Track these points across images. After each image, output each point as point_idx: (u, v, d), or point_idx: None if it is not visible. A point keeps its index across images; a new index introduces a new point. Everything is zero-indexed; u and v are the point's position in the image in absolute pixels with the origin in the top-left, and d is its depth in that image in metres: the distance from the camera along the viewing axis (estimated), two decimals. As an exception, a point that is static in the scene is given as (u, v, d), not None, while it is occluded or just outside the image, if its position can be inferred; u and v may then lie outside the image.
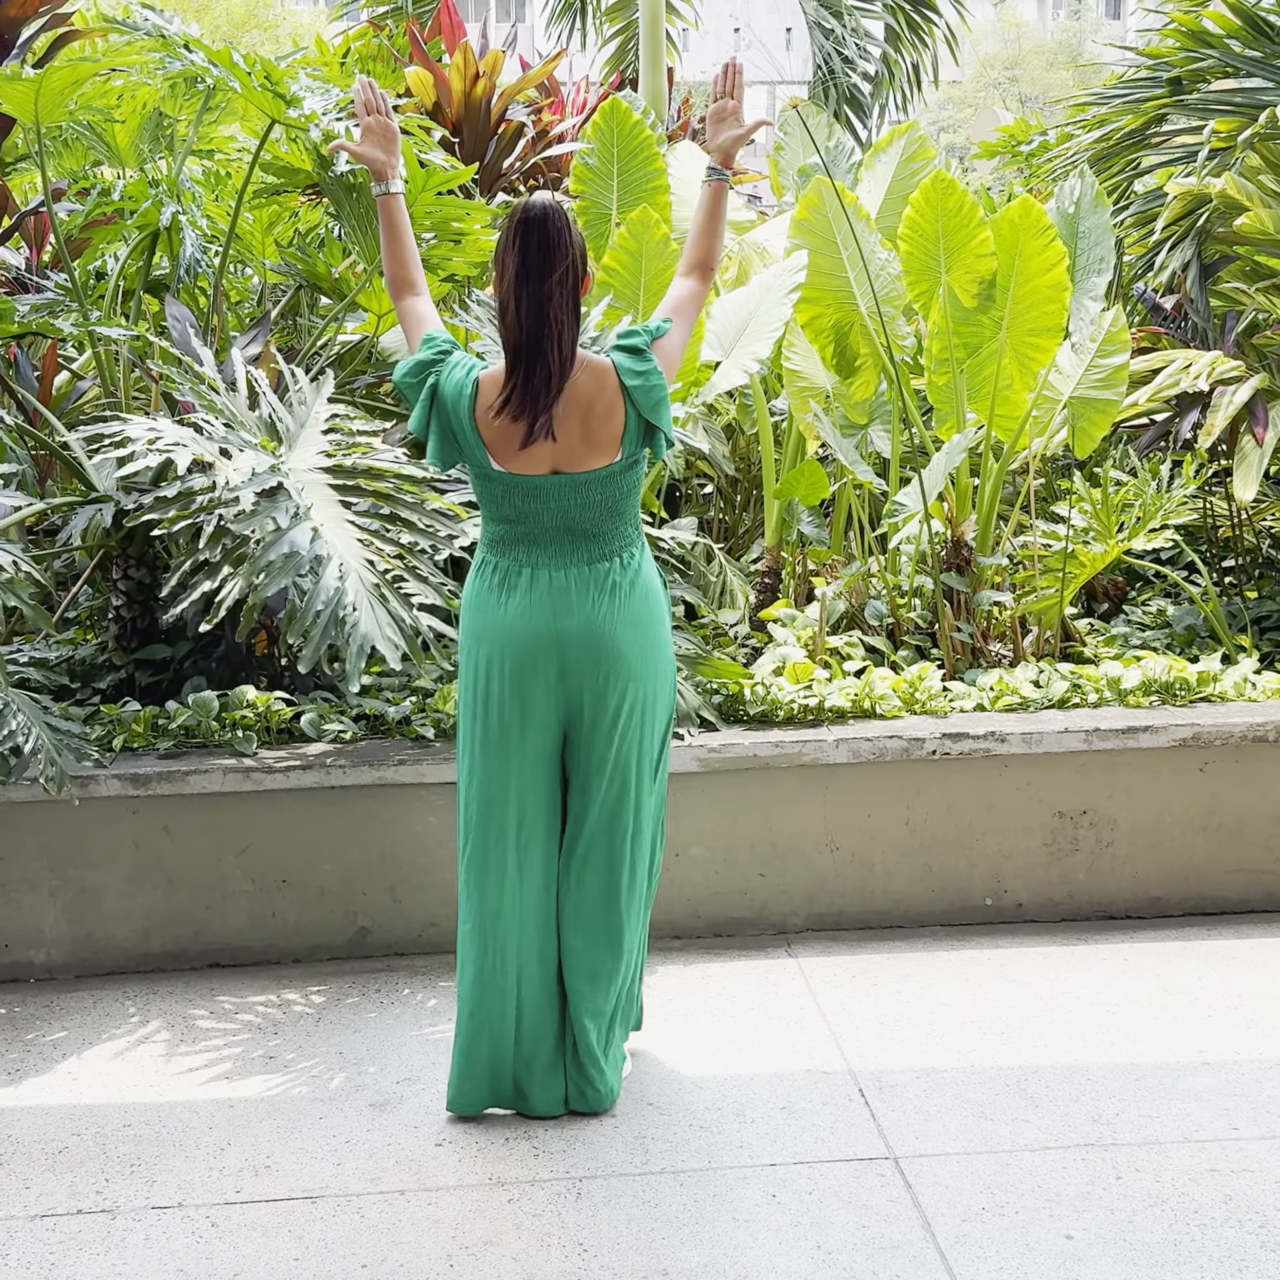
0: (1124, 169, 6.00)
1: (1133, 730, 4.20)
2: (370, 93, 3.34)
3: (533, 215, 3.00)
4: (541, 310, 3.00)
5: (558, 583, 3.14)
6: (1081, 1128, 3.25)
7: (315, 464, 3.93)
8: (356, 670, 3.56)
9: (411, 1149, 3.23)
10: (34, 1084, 3.51)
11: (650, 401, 3.08)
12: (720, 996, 3.88)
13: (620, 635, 3.16)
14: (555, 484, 3.10)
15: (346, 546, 3.72)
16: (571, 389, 3.06)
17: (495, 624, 3.17)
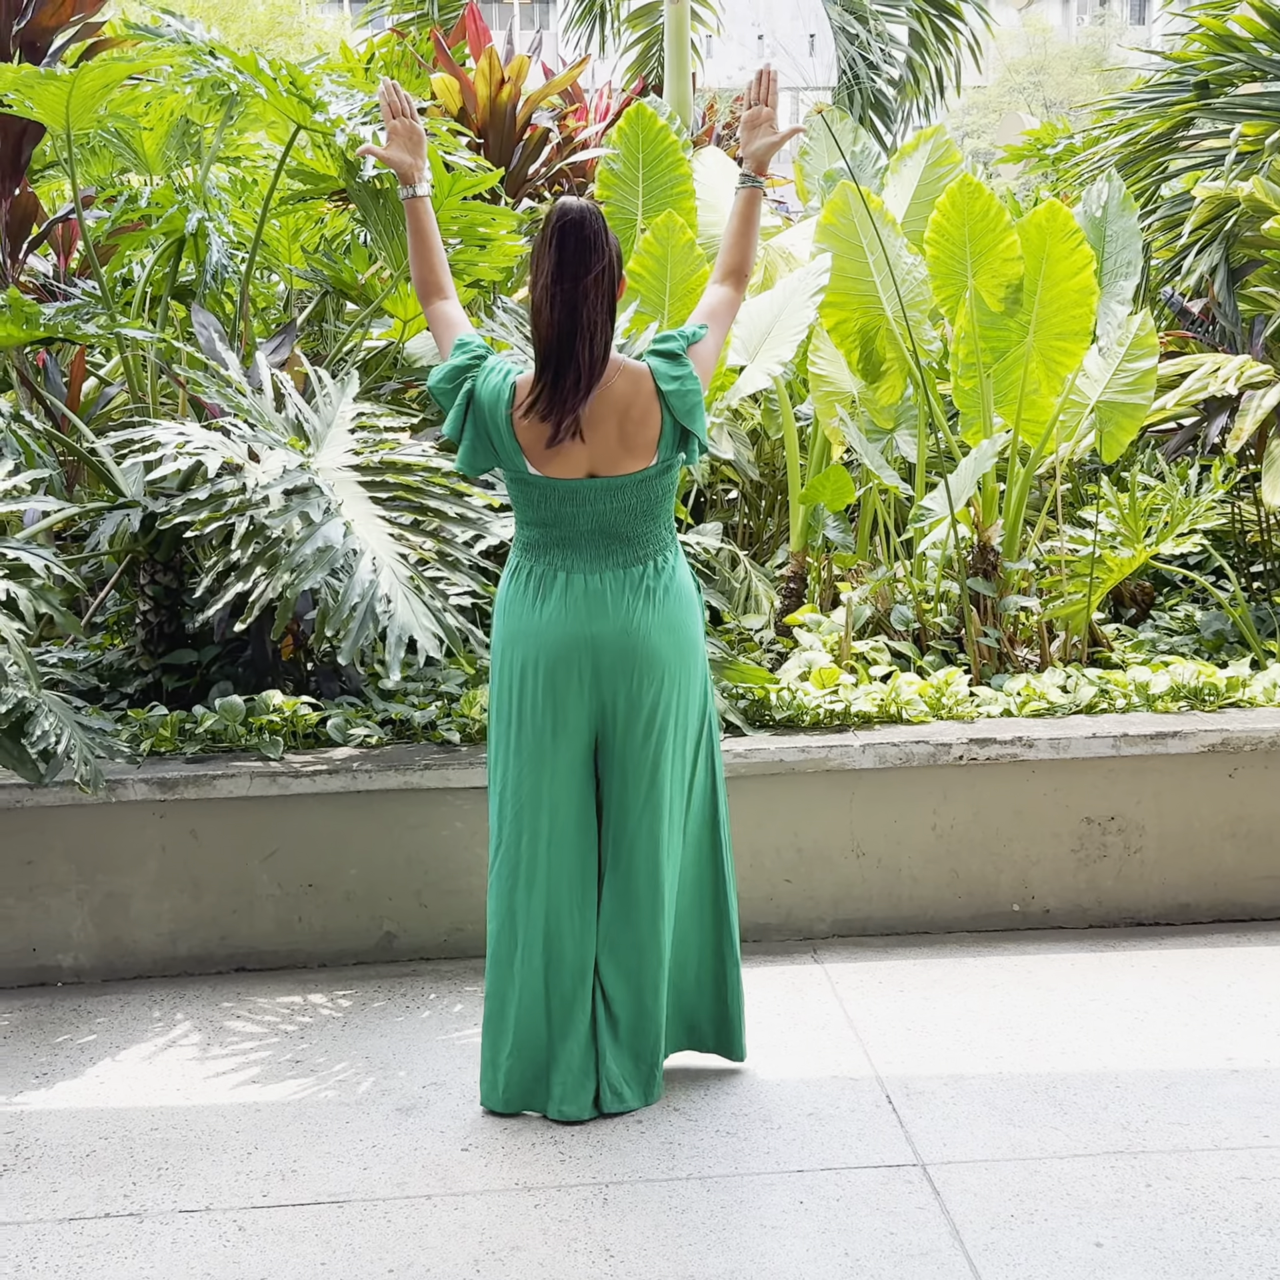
0: (1151, 173, 5.98)
1: (1161, 736, 4.18)
2: (395, 95, 3.34)
3: (570, 217, 3.00)
4: (575, 310, 3.00)
5: (592, 586, 3.14)
6: (1111, 1135, 3.23)
7: (343, 462, 3.94)
8: (396, 660, 3.56)
9: (438, 1153, 3.22)
10: (62, 1087, 3.52)
11: (685, 406, 3.08)
12: (747, 1002, 3.86)
13: (655, 639, 3.16)
14: (591, 487, 3.10)
15: (378, 541, 3.73)
16: (608, 392, 3.06)
17: (529, 628, 3.17)
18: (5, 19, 5.12)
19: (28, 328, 4.38)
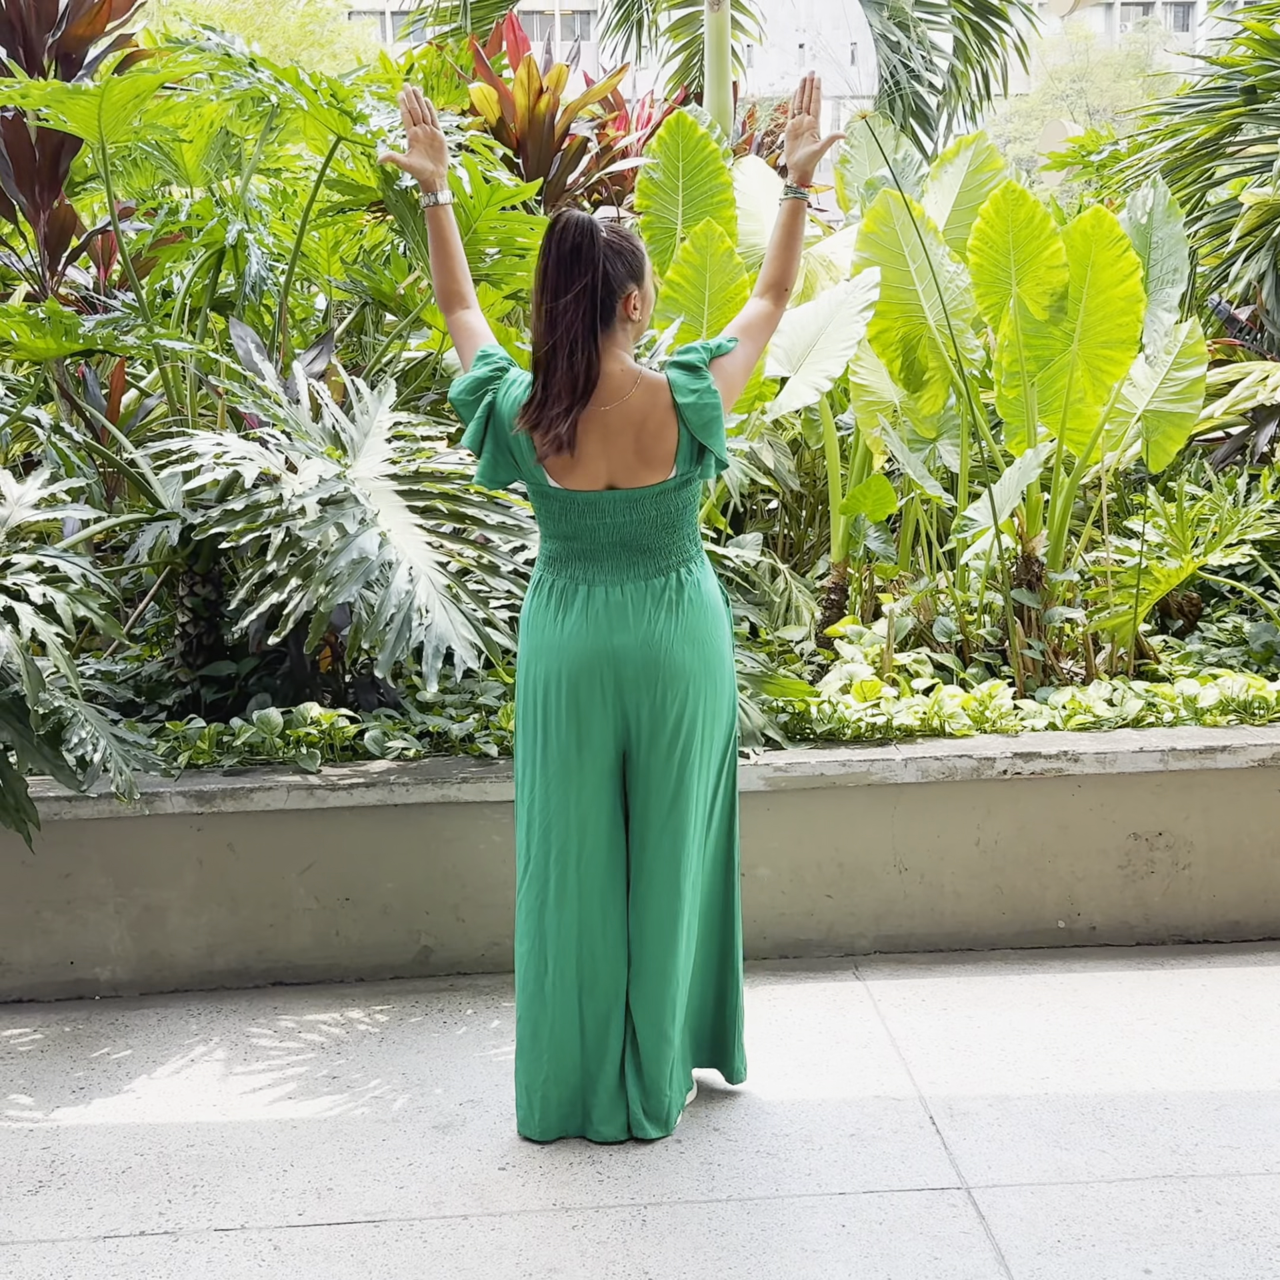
0: (1197, 179, 5.90)
1: (1210, 750, 4.11)
2: (415, 102, 3.31)
3: (554, 230, 2.95)
4: (554, 325, 2.95)
5: (614, 599, 3.10)
6: (1160, 1158, 3.17)
7: (380, 471, 3.92)
8: (434, 671, 3.53)
9: (475, 1172, 3.19)
10: (99, 1103, 3.50)
11: (701, 420, 3.01)
12: (787, 1020, 3.82)
13: (677, 651, 3.11)
14: (611, 500, 3.06)
15: (415, 551, 3.71)
16: (625, 405, 3.02)
17: (551, 642, 3.13)
18: (40, 32, 5.14)
19: (67, 340, 4.38)
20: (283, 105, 4.78)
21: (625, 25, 9.75)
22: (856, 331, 4.85)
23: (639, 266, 3.04)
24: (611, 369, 3.02)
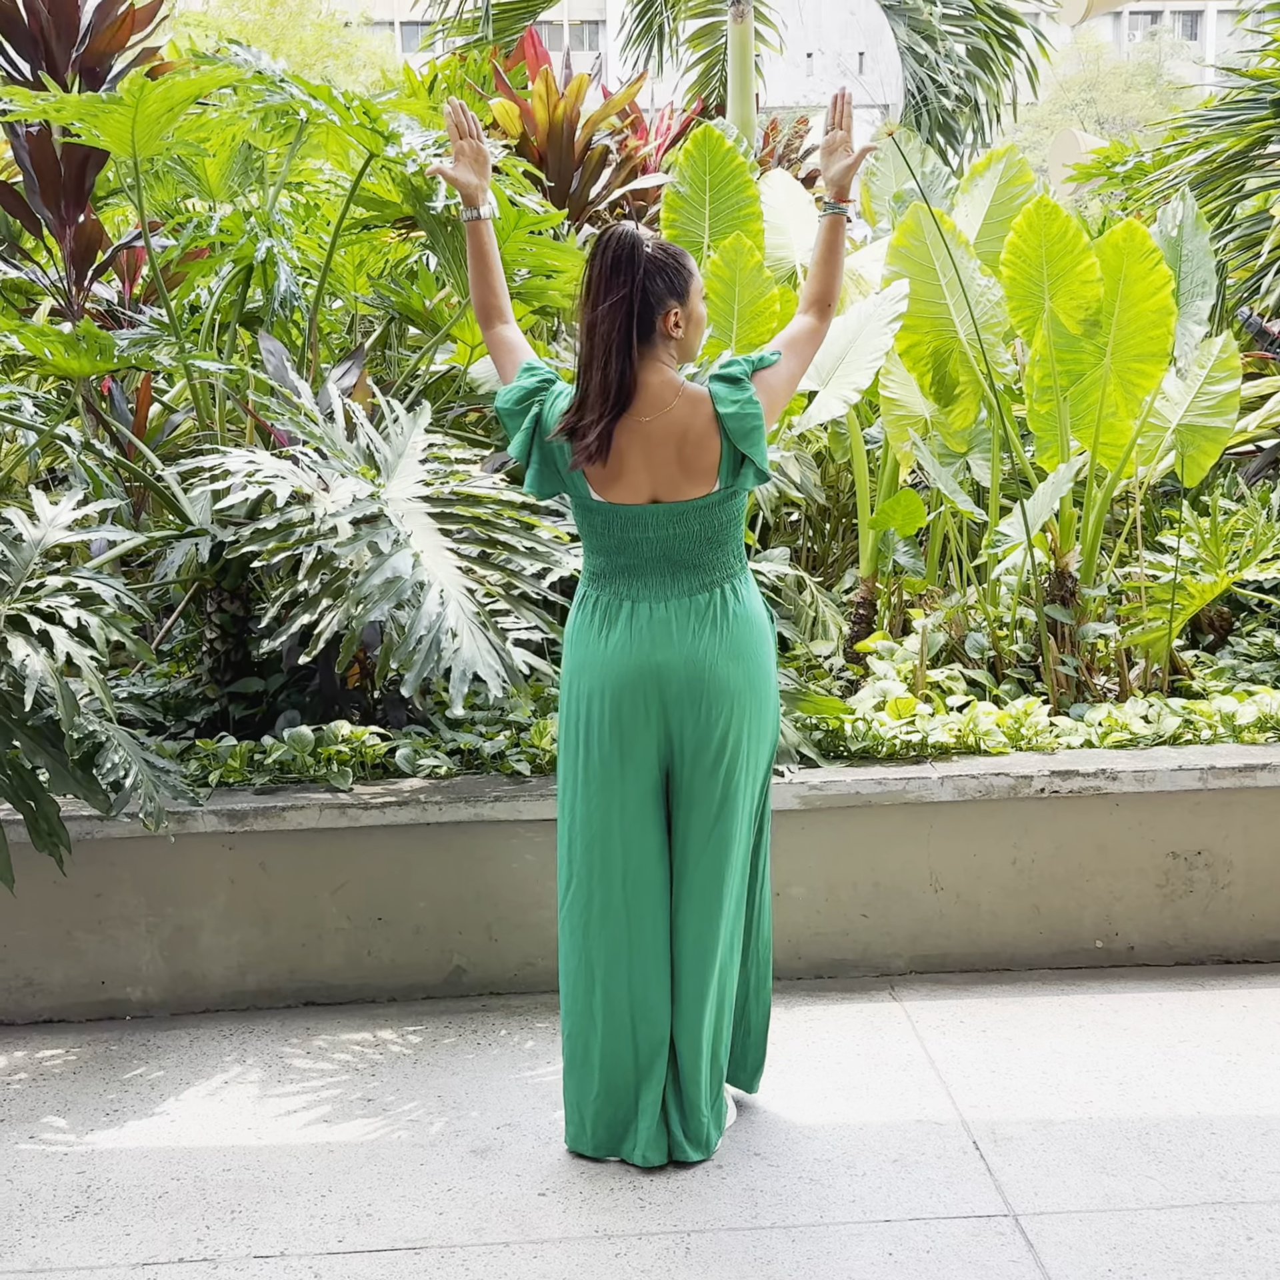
0: (1226, 191, 5.87)
1: (1250, 768, 4.07)
2: (463, 116, 3.29)
3: (600, 243, 2.97)
4: (591, 336, 2.97)
5: (658, 615, 3.07)
6: (1208, 1185, 3.13)
7: (414, 493, 3.90)
8: (459, 695, 3.51)
9: (515, 1198, 3.16)
10: (133, 1126, 3.48)
11: (743, 430, 2.99)
12: (824, 1041, 3.79)
13: (722, 668, 3.08)
14: (654, 513, 3.04)
15: (446, 574, 3.69)
16: (666, 417, 3.00)
17: (595, 659, 3.11)
18: (62, 47, 5.12)
19: (102, 359, 4.36)
20: (312, 120, 4.76)
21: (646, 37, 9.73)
22: (884, 343, 4.82)
23: (683, 285, 3.01)
24: (651, 380, 3.00)
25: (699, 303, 3.06)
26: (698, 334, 3.08)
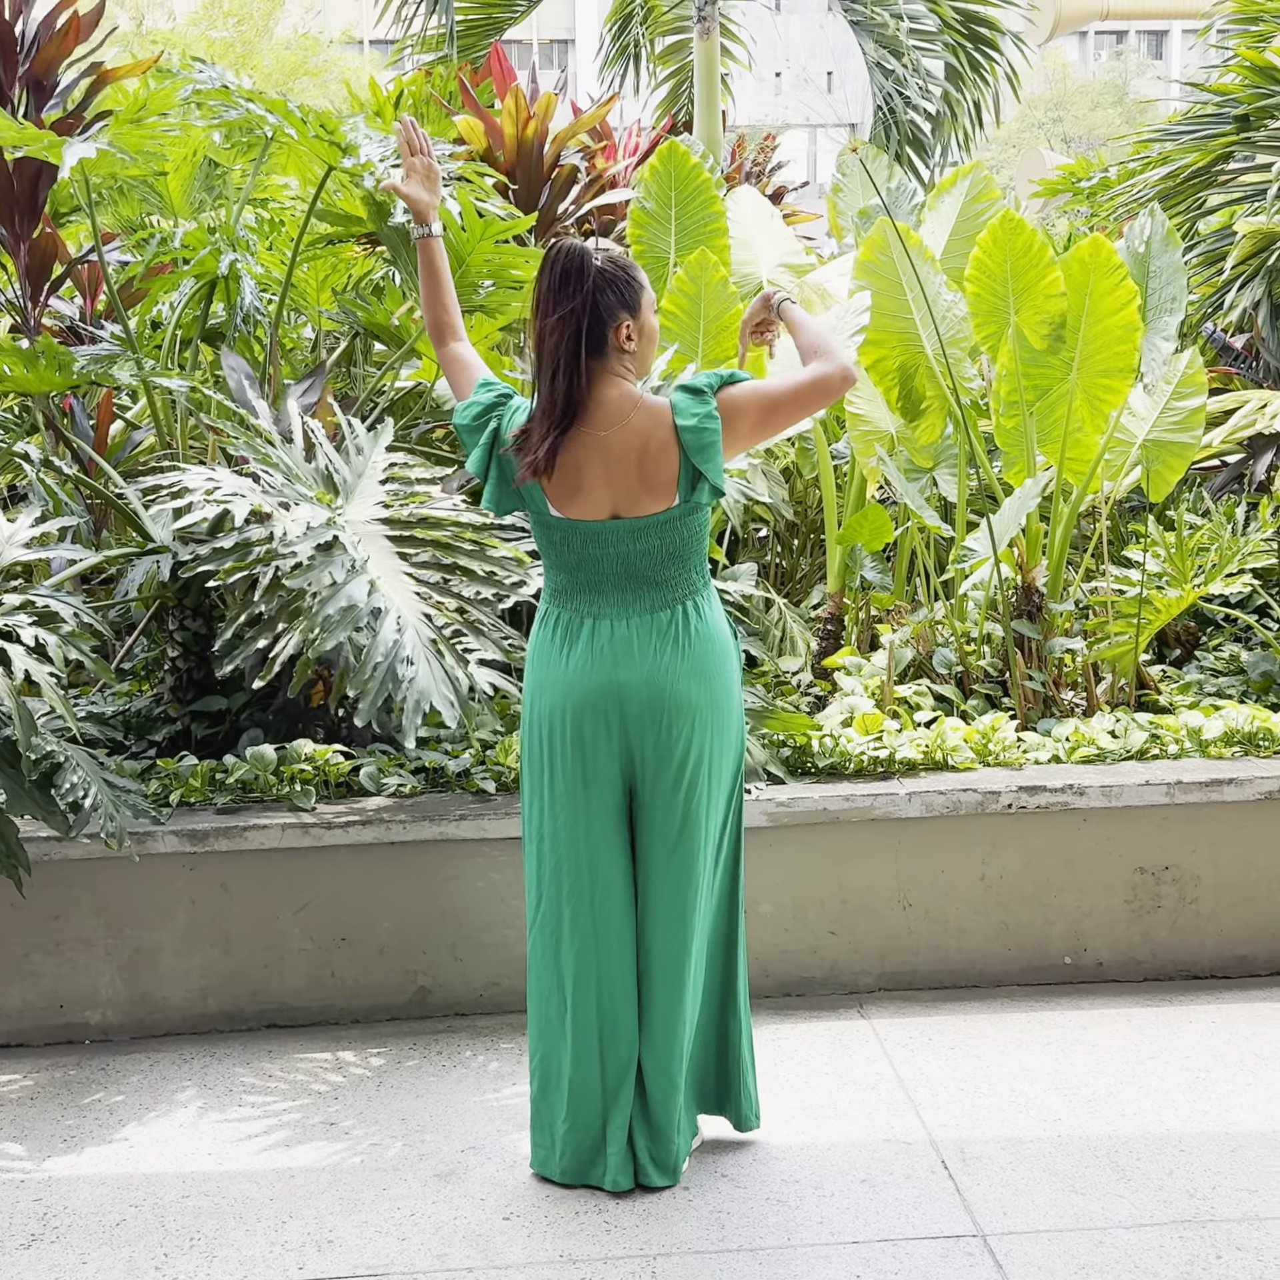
0: (1189, 207, 5.89)
1: (1217, 783, 4.07)
2: (413, 132, 3.28)
3: (549, 256, 2.94)
4: (540, 348, 2.95)
5: (619, 632, 3.04)
6: (1177, 1203, 3.11)
7: (373, 515, 3.86)
8: (413, 726, 3.49)
9: (478, 1223, 3.11)
10: (91, 1152, 3.42)
11: (699, 443, 2.94)
12: (792, 1060, 3.76)
13: (683, 686, 3.05)
14: (614, 529, 3.00)
15: (404, 600, 3.65)
16: (626, 429, 2.97)
17: (556, 677, 3.08)
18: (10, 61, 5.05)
19: (61, 375, 4.32)
20: (276, 136, 4.73)
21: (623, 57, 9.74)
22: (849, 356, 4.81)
23: (634, 298, 2.99)
24: (608, 394, 2.98)
25: (651, 315, 3.04)
26: (651, 347, 3.06)
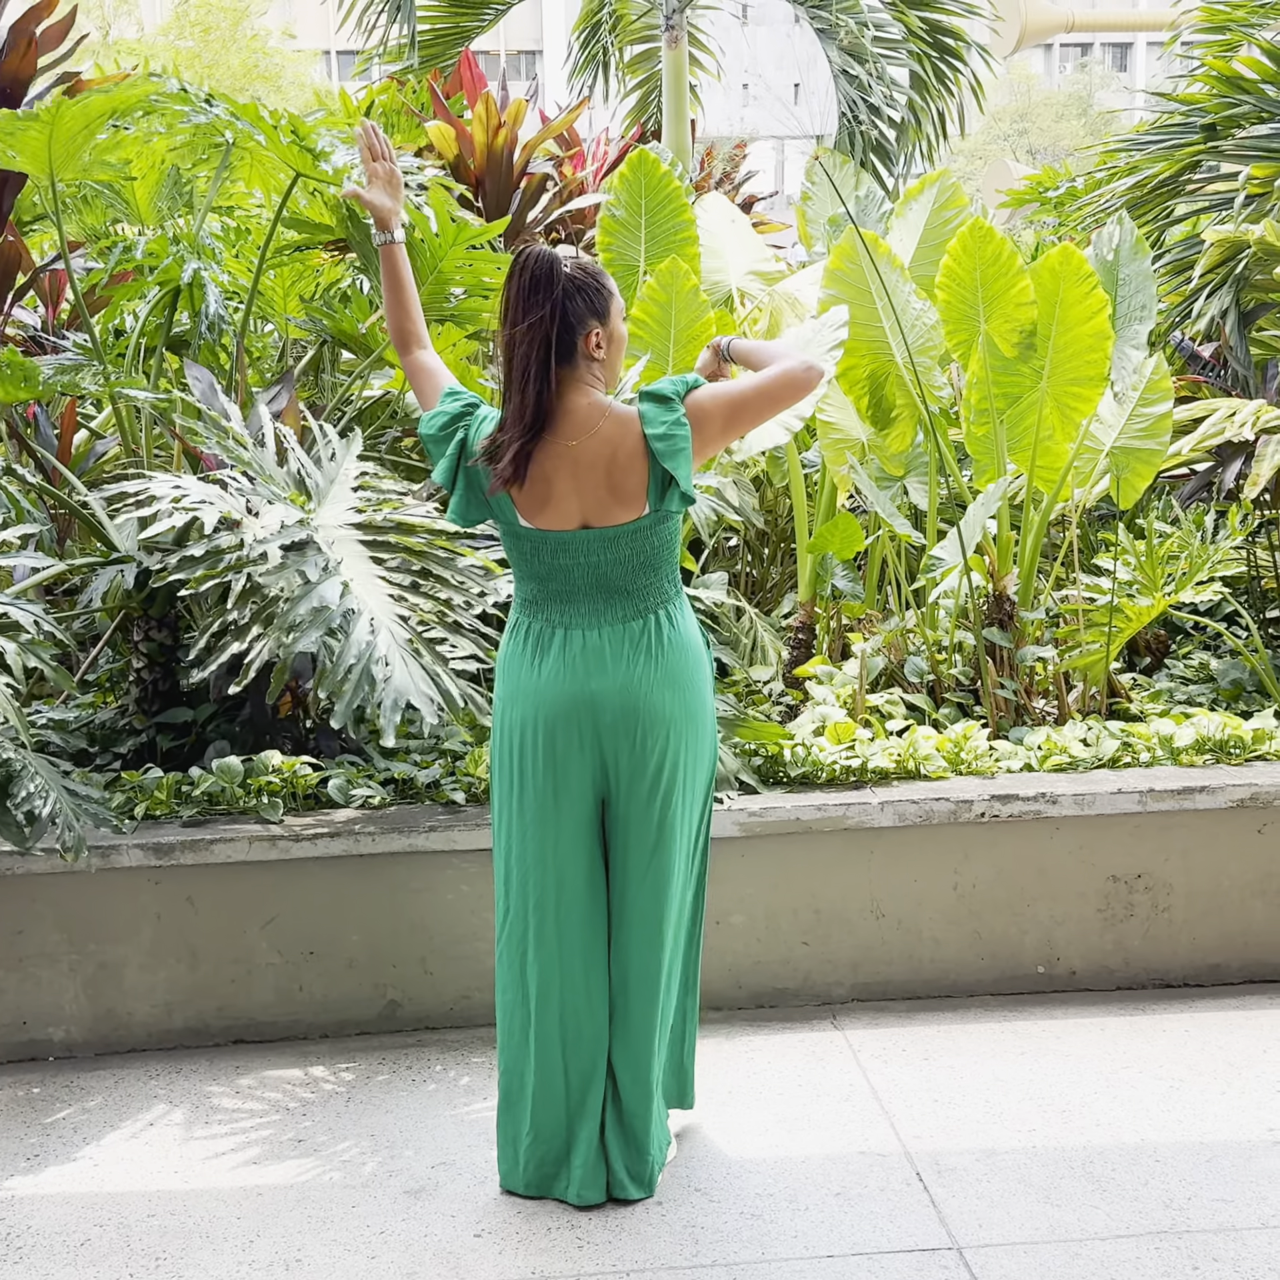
0: (1157, 216, 5.90)
1: (1189, 791, 4.06)
2: (375, 138, 3.25)
3: (517, 263, 2.91)
4: (510, 356, 2.91)
5: (591, 643, 3.01)
6: (1153, 1214, 3.09)
7: (345, 520, 3.82)
8: (391, 725, 3.44)
9: (449, 1240, 3.07)
10: (55, 1171, 3.37)
11: (669, 450, 2.91)
12: (766, 1072, 3.73)
13: (657, 696, 3.02)
14: (584, 539, 2.97)
15: (377, 602, 3.61)
16: (594, 439, 2.94)
17: (528, 688, 3.04)
18: None
19: (25, 386, 4.27)
20: (240, 141, 4.69)
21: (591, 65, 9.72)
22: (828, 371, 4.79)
23: (603, 305, 2.96)
24: (578, 403, 2.95)
25: (620, 323, 3.01)
26: (619, 354, 3.03)
